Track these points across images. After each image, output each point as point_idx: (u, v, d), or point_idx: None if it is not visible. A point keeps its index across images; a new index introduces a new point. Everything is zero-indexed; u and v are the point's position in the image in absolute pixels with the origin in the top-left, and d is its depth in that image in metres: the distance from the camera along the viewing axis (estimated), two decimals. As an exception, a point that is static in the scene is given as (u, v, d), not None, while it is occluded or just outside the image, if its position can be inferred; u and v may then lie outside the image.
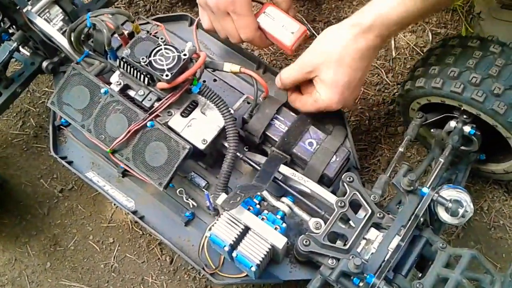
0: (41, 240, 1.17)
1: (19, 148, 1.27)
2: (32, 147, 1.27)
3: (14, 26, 1.09)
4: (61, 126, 1.08)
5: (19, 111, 1.31)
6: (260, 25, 0.98)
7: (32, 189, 1.22)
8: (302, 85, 0.98)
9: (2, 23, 1.08)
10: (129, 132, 0.89)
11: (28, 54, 1.15)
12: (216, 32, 1.03)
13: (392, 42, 1.33)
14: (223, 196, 0.86)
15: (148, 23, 1.06)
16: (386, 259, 0.77)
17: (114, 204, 1.18)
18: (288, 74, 0.96)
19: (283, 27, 0.98)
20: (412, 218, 0.80)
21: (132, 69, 0.90)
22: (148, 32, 0.92)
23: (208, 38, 1.15)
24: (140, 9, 1.42)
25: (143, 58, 0.87)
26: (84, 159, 1.06)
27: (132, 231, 1.16)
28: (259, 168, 0.94)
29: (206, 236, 0.92)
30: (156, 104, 0.91)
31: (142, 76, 0.90)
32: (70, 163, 1.05)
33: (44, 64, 1.13)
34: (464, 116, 0.97)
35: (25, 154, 1.26)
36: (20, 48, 1.14)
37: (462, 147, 1.00)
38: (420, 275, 0.82)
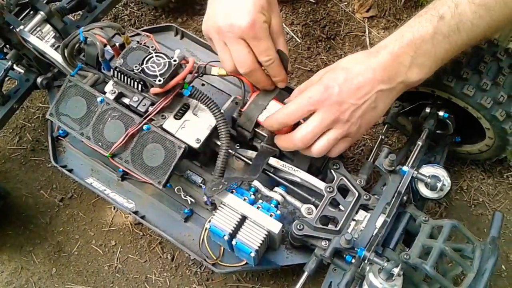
0: (45, 247, 1.21)
1: (18, 162, 1.31)
2: (30, 161, 1.31)
3: (7, 46, 1.14)
4: (59, 137, 1.13)
5: (15, 127, 1.36)
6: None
7: (33, 200, 1.26)
8: None
9: (-4, 43, 1.13)
10: (127, 136, 0.95)
11: (22, 71, 1.21)
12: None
13: (367, 39, 1.41)
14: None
15: (137, 34, 1.12)
16: (374, 234, 0.83)
17: (114, 208, 1.24)
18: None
19: None
20: (396, 195, 0.86)
21: (125, 77, 0.96)
22: (138, 42, 0.98)
23: (194, 46, 1.22)
24: (125, 23, 1.48)
25: (136, 66, 0.92)
26: (83, 167, 1.12)
27: (133, 232, 1.21)
28: (251, 163, 1.01)
29: (206, 229, 0.97)
30: (151, 109, 0.97)
31: (135, 83, 0.96)
32: (70, 171, 1.10)
33: (39, 80, 1.18)
34: (438, 102, 1.04)
35: (23, 167, 1.31)
36: (14, 66, 1.19)
37: (438, 131, 1.07)
38: (407, 249, 0.88)
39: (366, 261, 0.80)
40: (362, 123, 0.88)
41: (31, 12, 1.13)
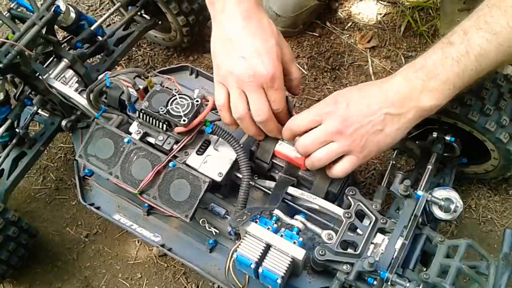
0: (73, 283, 1.26)
1: (43, 201, 1.37)
2: (55, 199, 1.37)
3: (33, 92, 1.21)
4: (86, 176, 1.19)
5: (38, 167, 1.42)
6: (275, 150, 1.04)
7: (59, 237, 1.32)
8: None
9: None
10: (154, 173, 1.01)
11: (46, 115, 1.27)
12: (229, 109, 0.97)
13: (370, 68, 1.49)
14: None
15: (155, 75, 1.19)
16: (394, 256, 0.89)
17: (138, 242, 1.29)
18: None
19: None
20: (412, 218, 0.92)
21: (151, 118, 1.02)
22: (161, 84, 1.05)
23: (208, 83, 1.28)
24: (139, 63, 1.55)
25: (161, 108, 0.99)
26: (110, 204, 1.17)
27: (157, 264, 1.26)
28: (270, 192, 1.07)
29: (231, 258, 1.02)
30: (175, 146, 1.03)
31: (160, 123, 1.02)
32: (98, 208, 1.16)
33: (63, 122, 1.24)
34: (444, 126, 1.10)
35: (49, 206, 1.37)
36: (39, 111, 1.25)
37: (446, 154, 1.13)
38: (425, 269, 0.93)
39: (388, 283, 0.85)
40: (367, 144, 0.90)
41: (55, 59, 1.21)
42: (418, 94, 0.87)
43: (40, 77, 1.15)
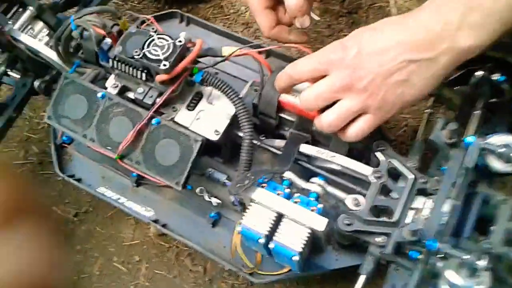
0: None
1: (26, 177, 1.20)
2: (38, 175, 1.20)
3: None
4: (64, 144, 1.01)
5: (19, 140, 1.25)
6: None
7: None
8: None
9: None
10: (134, 132, 0.82)
11: (18, 76, 1.09)
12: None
13: (393, 9, 1.26)
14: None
15: (137, 18, 0.99)
16: (444, 222, 0.68)
17: (134, 220, 1.11)
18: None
19: None
20: (463, 173, 0.71)
21: (127, 66, 0.83)
22: (137, 26, 0.86)
23: (203, 32, 1.07)
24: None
25: (136, 52, 0.80)
26: (93, 175, 0.99)
27: (157, 245, 1.08)
28: (280, 153, 0.87)
29: (237, 233, 0.84)
30: (158, 100, 0.84)
31: (139, 72, 0.83)
32: (79, 180, 0.98)
33: (36, 83, 1.05)
34: (490, 63, 0.88)
35: (32, 182, 1.19)
36: (9, 72, 1.07)
37: (493, 99, 0.91)
38: (481, 238, 0.73)
39: (438, 256, 0.65)
40: (387, 98, 0.71)
41: (20, 9, 1.02)
42: (454, 31, 0.66)
43: (1, 29, 0.97)
